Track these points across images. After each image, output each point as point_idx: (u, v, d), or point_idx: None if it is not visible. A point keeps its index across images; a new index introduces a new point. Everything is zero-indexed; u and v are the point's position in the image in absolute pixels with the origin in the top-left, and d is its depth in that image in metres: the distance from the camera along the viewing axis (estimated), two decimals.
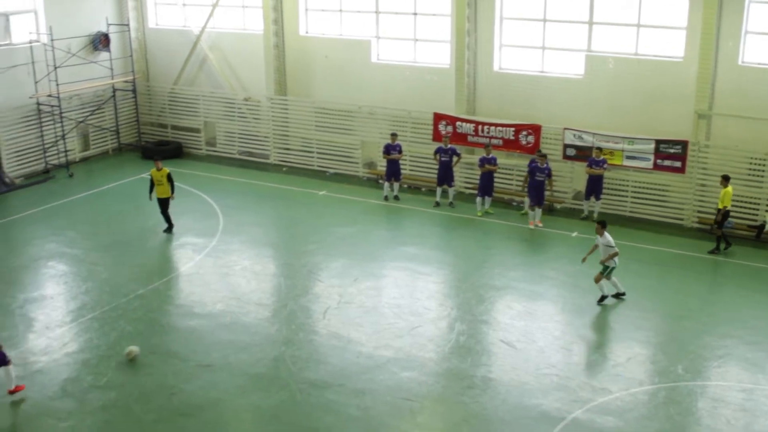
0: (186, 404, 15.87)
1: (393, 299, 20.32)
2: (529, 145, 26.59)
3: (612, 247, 19.65)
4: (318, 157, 31.13)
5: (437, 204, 27.09)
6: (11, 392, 15.89)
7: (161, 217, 24.57)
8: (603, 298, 19.90)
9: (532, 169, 24.99)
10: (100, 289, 20.97)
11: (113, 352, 17.83)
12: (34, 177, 30.22)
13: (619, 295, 20.12)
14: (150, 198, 24.32)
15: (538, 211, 25.13)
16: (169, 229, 24.50)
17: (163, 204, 24.37)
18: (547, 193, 25.46)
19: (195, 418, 15.42)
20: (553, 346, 18.13)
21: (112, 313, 19.58)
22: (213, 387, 16.44)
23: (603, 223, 20.10)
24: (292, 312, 19.67)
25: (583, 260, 20.34)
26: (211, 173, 30.75)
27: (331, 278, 21.55)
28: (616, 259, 19.70)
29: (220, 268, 22.21)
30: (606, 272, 19.82)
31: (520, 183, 26.49)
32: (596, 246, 20.13)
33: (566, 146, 26.33)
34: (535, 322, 19.18)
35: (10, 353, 17.31)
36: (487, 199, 26.30)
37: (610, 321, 19.24)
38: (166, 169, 24.33)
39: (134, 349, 17.40)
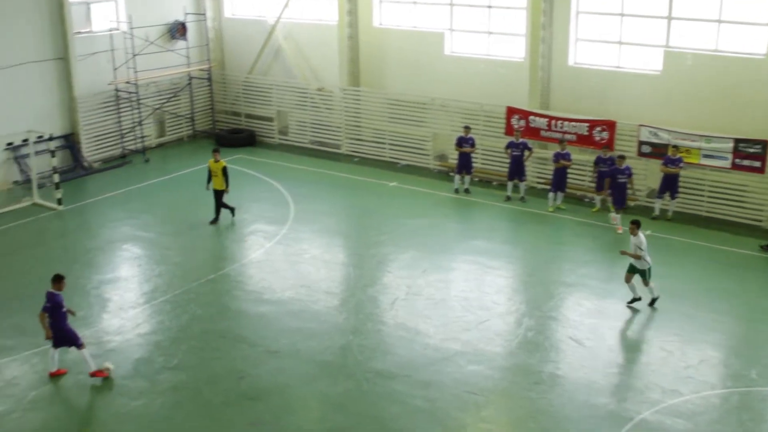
0: (254, 388, 16.07)
1: (461, 292, 20.26)
2: (603, 141, 26.22)
3: (642, 250, 19.05)
4: (389, 149, 31.17)
5: (508, 198, 26.91)
6: (93, 375, 16.24)
7: (233, 204, 24.84)
8: (634, 300, 19.41)
9: (613, 171, 24.38)
10: (172, 273, 21.36)
11: (184, 334, 18.16)
12: (111, 161, 30.90)
13: (653, 301, 19.45)
14: (207, 188, 24.55)
15: (618, 217, 24.34)
16: (215, 221, 24.47)
17: (217, 195, 24.49)
18: (629, 192, 24.91)
19: (262, 403, 15.61)
20: (622, 345, 17.90)
21: (183, 296, 19.92)
22: (280, 373, 16.63)
23: (637, 222, 19.35)
24: (360, 302, 19.76)
25: (621, 252, 19.83)
26: (283, 162, 31.02)
27: (400, 269, 21.58)
28: (649, 259, 19.16)
29: (290, 255, 22.42)
30: (647, 276, 19.27)
31: (593, 179, 26.10)
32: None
33: (641, 143, 25.89)
34: (605, 320, 18.93)
35: (85, 332, 17.80)
36: (560, 195, 26.02)
37: (682, 322, 18.86)
38: (223, 162, 24.46)
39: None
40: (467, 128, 27.53)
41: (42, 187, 26.63)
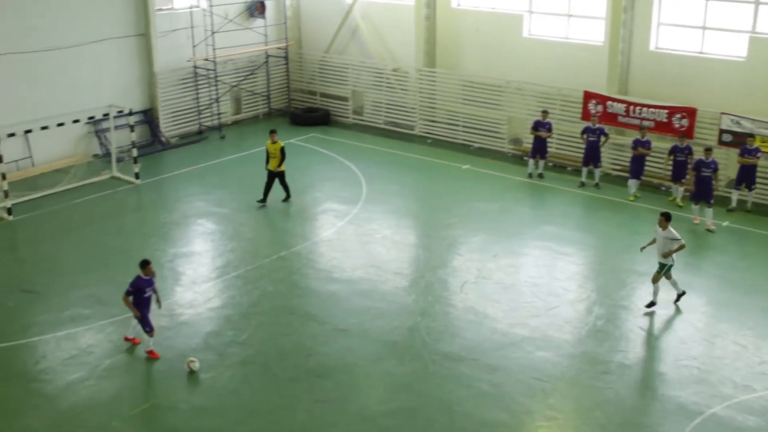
0: (321, 366, 16.23)
1: (531, 278, 20.11)
2: (683, 129, 25.64)
3: (678, 239, 18.24)
4: (463, 131, 31.00)
5: (582, 184, 26.54)
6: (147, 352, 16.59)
7: (306, 182, 25.04)
8: (652, 304, 18.60)
9: (697, 164, 23.49)
10: (244, 249, 21.66)
11: (254, 310, 18.41)
12: (188, 137, 31.39)
13: (679, 297, 18.75)
14: (266, 168, 24.53)
15: (709, 211, 23.21)
16: (264, 200, 24.40)
17: (270, 176, 24.43)
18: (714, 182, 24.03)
19: (329, 380, 15.76)
20: (695, 337, 17.54)
21: (254, 272, 20.18)
22: (348, 351, 16.75)
23: (668, 215, 18.49)
24: (429, 283, 19.76)
25: (642, 249, 19.25)
26: (357, 142, 31.10)
27: (471, 252, 21.50)
28: (674, 255, 18.41)
29: (361, 235, 22.51)
30: (664, 270, 18.47)
31: (668, 168, 25.48)
32: (654, 240, 18.83)
33: (722, 131, 25.24)
34: (677, 311, 18.58)
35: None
36: (636, 182, 25.50)
37: (758, 317, 18.40)
38: (281, 143, 24.40)
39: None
40: (545, 112, 27.20)
41: (121, 161, 27.21)
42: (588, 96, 27.55)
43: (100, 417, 14.61)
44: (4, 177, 23.17)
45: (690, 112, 25.67)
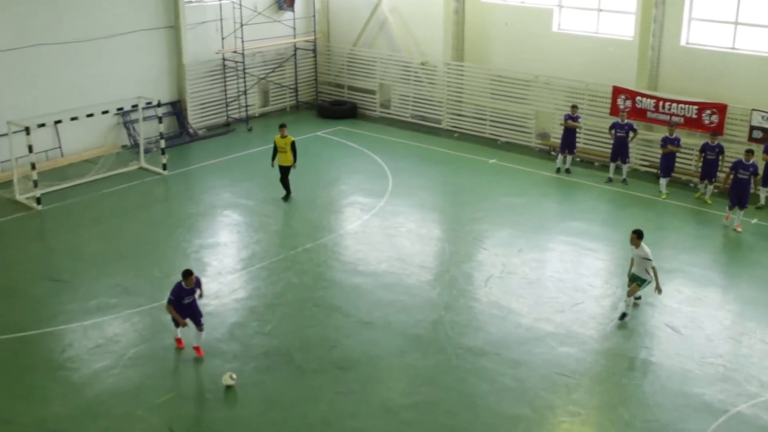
0: (345, 358, 16.26)
1: (557, 273, 20.02)
2: (713, 125, 25.39)
3: (649, 260, 17.52)
4: (490, 125, 30.91)
5: (610, 180, 26.37)
6: (195, 348, 16.42)
7: (332, 175, 25.06)
8: (624, 315, 17.85)
9: (735, 165, 22.88)
10: (270, 241, 21.74)
11: (279, 301, 18.47)
12: (215, 129, 31.53)
13: (622, 316, 17.84)
14: (272, 164, 24.28)
15: (740, 213, 22.65)
16: (287, 197, 24.31)
17: (284, 171, 24.21)
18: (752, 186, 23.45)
19: (352, 372, 15.79)
20: (721, 335, 17.38)
21: (280, 264, 20.25)
22: (372, 344, 16.77)
23: (639, 232, 17.77)
24: (454, 277, 19.73)
25: (629, 274, 18.18)
26: (384, 135, 31.10)
27: (496, 247, 21.45)
28: (651, 271, 17.69)
29: (386, 228, 22.52)
30: (643, 285, 17.85)
31: (698, 167, 25.18)
32: (632, 260, 18.09)
33: (752, 128, 24.98)
34: (704, 308, 18.43)
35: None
36: (665, 180, 25.24)
37: None
38: (291, 138, 24.11)
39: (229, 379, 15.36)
40: (575, 107, 27.00)
41: (148, 152, 27.41)
42: (617, 91, 27.35)
43: (125, 405, 14.73)
44: (33, 167, 23.39)
45: (720, 108, 25.42)
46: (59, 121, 25.45)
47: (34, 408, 14.64)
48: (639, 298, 18.35)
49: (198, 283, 16.17)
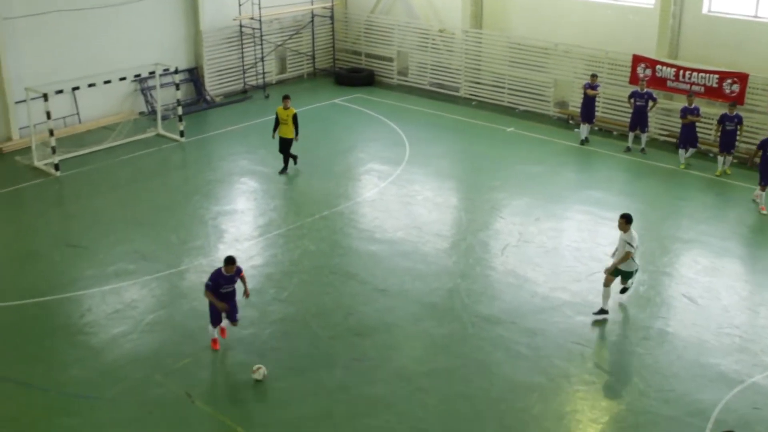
0: (361, 325, 16.33)
1: (573, 242, 19.97)
2: (733, 95, 25.13)
3: (633, 247, 16.16)
4: (509, 93, 30.72)
5: (628, 149, 26.20)
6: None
7: (349, 143, 24.99)
8: (602, 311, 16.70)
9: (763, 143, 22.00)
10: (286, 208, 21.79)
11: (296, 268, 18.54)
12: (232, 96, 31.50)
13: (600, 311, 16.68)
14: (273, 136, 23.88)
15: (763, 195, 21.91)
16: (285, 170, 23.87)
17: (284, 144, 23.65)
18: None
19: (368, 339, 15.86)
20: (738, 306, 17.32)
21: (296, 231, 20.30)
22: (388, 311, 16.83)
23: (628, 216, 16.25)
24: (470, 246, 19.73)
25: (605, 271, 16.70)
26: (401, 103, 30.98)
27: (513, 216, 21.40)
28: (638, 260, 16.67)
29: (403, 197, 22.50)
30: (631, 278, 16.77)
31: (717, 138, 24.86)
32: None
33: None
34: (721, 279, 18.36)
35: (202, 261, 18.43)
36: (691, 150, 25.02)
37: None
38: (293, 110, 23.45)
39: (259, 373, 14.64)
40: (594, 76, 26.71)
41: (166, 118, 27.44)
42: (637, 60, 27.08)
43: (143, 370, 14.87)
44: (51, 133, 23.48)
45: (741, 78, 25.13)
46: (77, 88, 25.49)
47: (53, 372, 14.81)
48: (625, 290, 17.09)
49: (239, 273, 15.17)
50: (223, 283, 15.03)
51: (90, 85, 24.95)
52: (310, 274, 18.33)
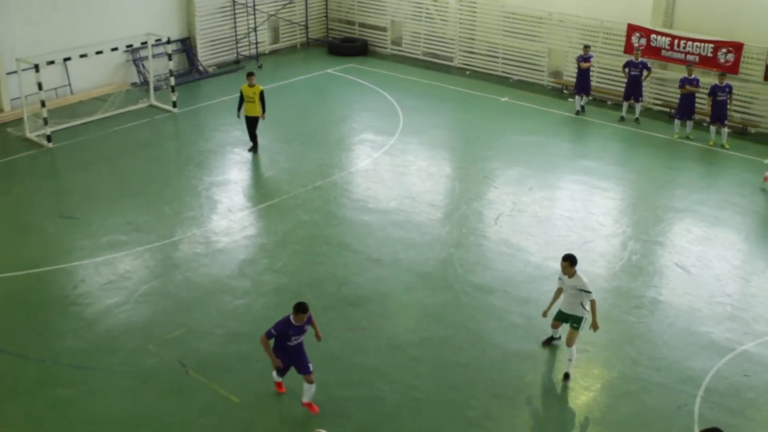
0: (354, 295, 16.37)
1: (567, 212, 19.99)
2: (728, 64, 25.05)
3: (588, 292, 13.65)
4: (503, 63, 30.60)
5: (622, 119, 26.16)
6: (305, 405, 13.20)
7: (343, 113, 24.90)
8: (552, 339, 14.95)
9: None
10: (280, 178, 21.75)
11: (289, 238, 18.54)
12: (225, 66, 31.34)
13: (566, 376, 14.13)
14: (238, 115, 23.13)
15: None
16: (255, 149, 23.23)
17: (251, 123, 22.95)
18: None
19: (362, 309, 15.90)
20: (730, 275, 17.39)
21: (290, 201, 20.28)
22: (381, 281, 16.86)
23: (573, 258, 13.67)
24: (463, 215, 19.74)
25: (544, 315, 14.40)
26: (395, 72, 30.85)
27: (506, 185, 21.39)
28: (588, 305, 13.84)
29: (397, 166, 22.47)
30: (582, 325, 14.03)
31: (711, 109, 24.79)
32: (560, 291, 14.17)
33: None
34: (713, 248, 18.41)
35: (195, 232, 18.43)
36: (689, 123, 24.92)
37: None
38: (260, 87, 22.71)
39: None
40: (587, 47, 26.56)
41: (158, 89, 27.29)
42: (631, 29, 26.97)
43: (136, 340, 14.90)
44: (43, 104, 23.35)
45: (736, 47, 25.05)
46: (68, 59, 25.34)
47: (48, 343, 14.83)
48: (557, 338, 14.92)
49: (310, 321, 12.88)
50: (293, 335, 12.55)
51: (81, 56, 24.79)
52: (303, 245, 18.33)
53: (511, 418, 13.07)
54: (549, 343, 14.92)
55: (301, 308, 12.41)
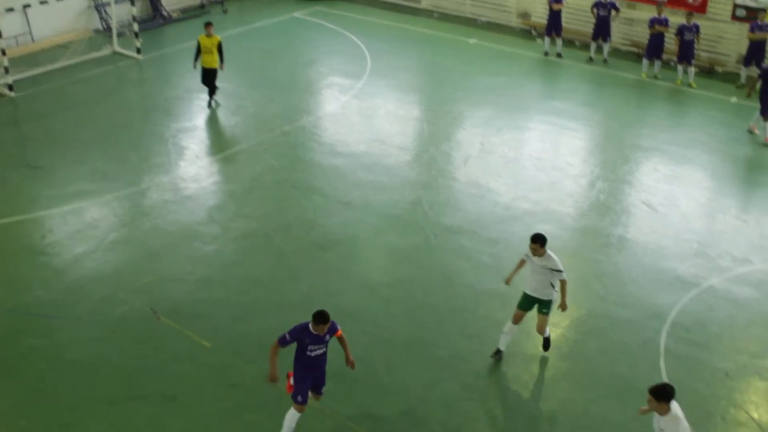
0: (324, 238, 16.37)
1: (535, 152, 20.04)
2: (696, 3, 25.02)
3: (560, 271, 12.37)
4: (471, 5, 30.37)
5: (591, 60, 26.12)
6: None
7: (310, 57, 24.63)
8: (498, 352, 13.22)
9: (765, 72, 21.15)
10: (247, 124, 21.56)
11: (257, 184, 18.46)
12: (190, 11, 30.81)
13: (546, 341, 13.37)
14: (194, 66, 22.24)
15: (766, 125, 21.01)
16: (212, 101, 22.43)
17: (209, 75, 21.97)
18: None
19: (332, 252, 15.92)
20: (696, 212, 17.58)
21: (258, 147, 20.15)
22: (351, 224, 16.87)
23: (541, 238, 12.36)
24: (432, 157, 19.73)
25: (507, 282, 13.29)
26: (362, 16, 30.53)
27: (475, 127, 21.37)
28: (558, 285, 12.60)
29: (365, 110, 22.35)
30: (548, 309, 12.80)
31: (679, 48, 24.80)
32: (522, 263, 12.97)
33: (736, 6, 24.68)
34: (680, 186, 18.58)
35: (163, 179, 18.29)
36: (657, 63, 24.92)
37: (763, 192, 18.42)
38: (218, 38, 21.79)
39: None
40: None
41: (121, 35, 26.81)
42: None
43: (106, 289, 14.81)
44: (4, 53, 22.88)
45: None
46: (28, 5, 24.81)
47: (17, 293, 14.71)
48: (498, 354, 13.15)
49: (335, 332, 10.94)
50: (309, 344, 10.89)
51: (42, 2, 24.26)
52: (272, 190, 18.26)
53: (481, 357, 13.20)
54: (497, 355, 13.14)
55: (320, 318, 10.60)
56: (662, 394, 9.18)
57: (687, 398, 11.79)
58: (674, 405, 9.29)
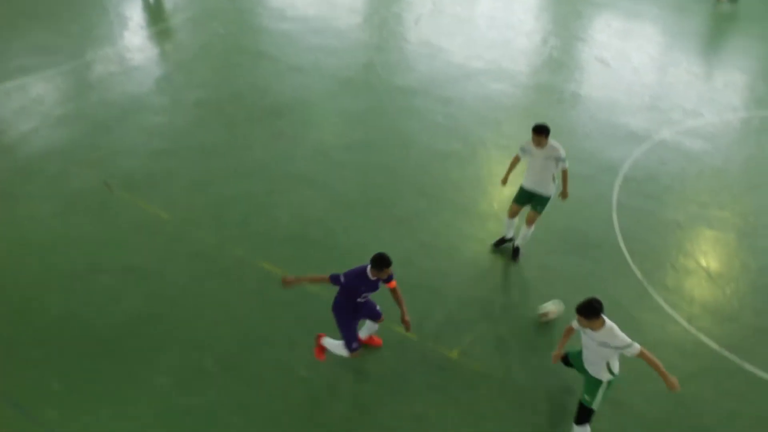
0: (276, 104, 16.19)
1: (488, 10, 19.80)
2: None
3: (564, 160, 11.53)
4: None
5: None
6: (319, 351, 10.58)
7: None
8: (503, 241, 12.76)
9: None
10: None
11: (206, 52, 18.07)
12: None
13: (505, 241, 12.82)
14: None
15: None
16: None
17: None
18: None
19: (285, 118, 15.77)
20: (648, 66, 17.61)
21: (204, 14, 19.63)
22: (303, 89, 16.67)
23: (546, 128, 11.36)
24: (383, 19, 19.39)
25: (503, 183, 12.36)
26: None
27: None
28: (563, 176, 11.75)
29: None
30: (543, 207, 12.04)
31: None
32: (516, 160, 12.14)
33: None
34: (633, 41, 18.55)
35: (108, 51, 17.80)
36: None
37: (713, 43, 18.45)
38: None
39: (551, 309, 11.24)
40: None
41: None
42: None
43: (58, 164, 14.56)
44: None
45: None
46: None
47: None
48: (508, 240, 12.76)
49: (389, 281, 9.47)
50: (364, 291, 9.49)
51: None
52: (221, 58, 17.91)
53: (436, 215, 13.33)
54: (501, 245, 12.75)
55: (382, 262, 9.18)
56: (592, 310, 8.46)
57: (640, 249, 12.11)
58: (605, 318, 8.61)
